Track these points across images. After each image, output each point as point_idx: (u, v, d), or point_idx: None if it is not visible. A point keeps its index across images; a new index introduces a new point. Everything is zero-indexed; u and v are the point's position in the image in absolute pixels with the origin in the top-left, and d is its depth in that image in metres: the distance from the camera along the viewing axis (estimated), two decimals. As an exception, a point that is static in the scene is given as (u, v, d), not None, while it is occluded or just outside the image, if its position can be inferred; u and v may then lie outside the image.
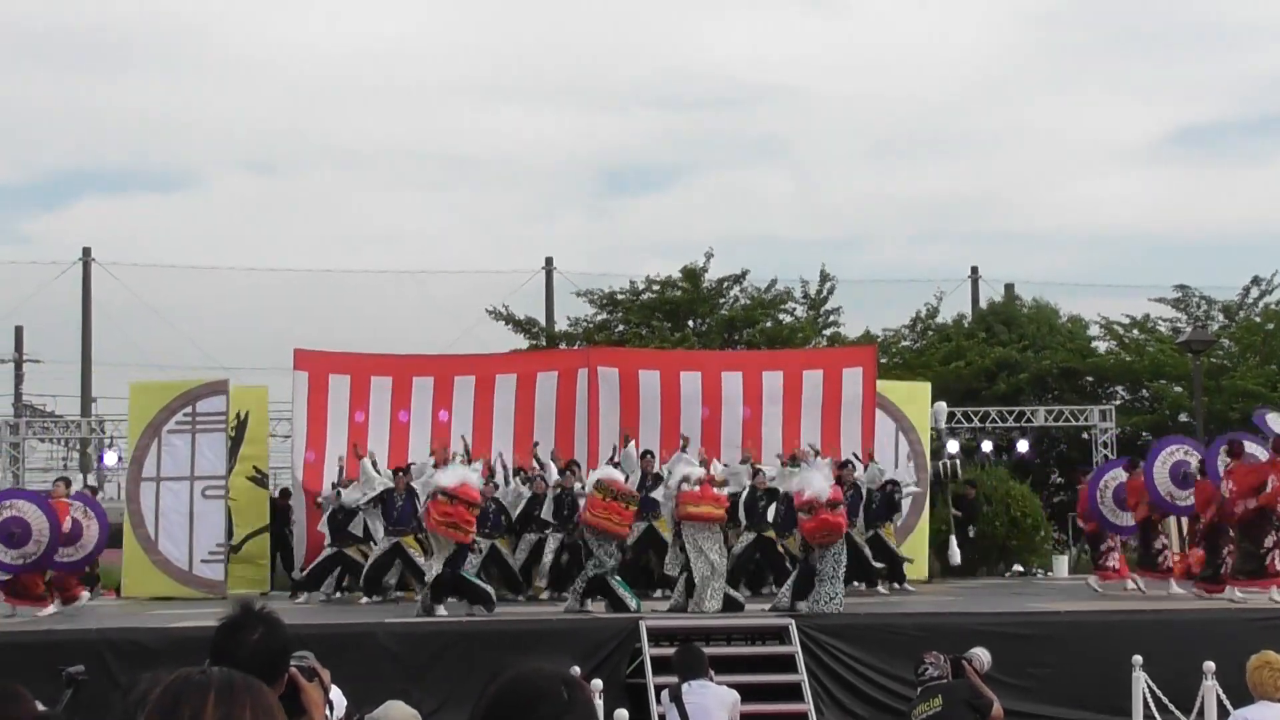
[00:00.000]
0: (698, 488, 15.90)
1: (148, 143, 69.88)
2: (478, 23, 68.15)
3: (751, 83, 68.20)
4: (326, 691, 4.10)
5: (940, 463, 24.14)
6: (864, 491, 19.11)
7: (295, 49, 70.37)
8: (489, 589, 16.32)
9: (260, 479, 22.27)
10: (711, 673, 9.39)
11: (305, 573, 19.79)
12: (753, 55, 65.23)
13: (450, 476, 15.64)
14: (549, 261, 35.36)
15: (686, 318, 32.65)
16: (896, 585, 19.53)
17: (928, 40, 65.36)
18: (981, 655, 9.43)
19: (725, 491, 16.85)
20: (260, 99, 70.13)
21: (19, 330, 40.50)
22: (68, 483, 19.48)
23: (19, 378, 40.11)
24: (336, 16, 68.04)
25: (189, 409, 21.35)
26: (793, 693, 14.05)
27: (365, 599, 18.66)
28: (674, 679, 9.51)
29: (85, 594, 18.64)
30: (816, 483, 15.80)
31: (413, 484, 18.31)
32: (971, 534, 23.72)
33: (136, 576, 21.03)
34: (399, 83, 69.54)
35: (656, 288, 32.05)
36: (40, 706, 4.35)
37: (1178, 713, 12.65)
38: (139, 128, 69.11)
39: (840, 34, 67.33)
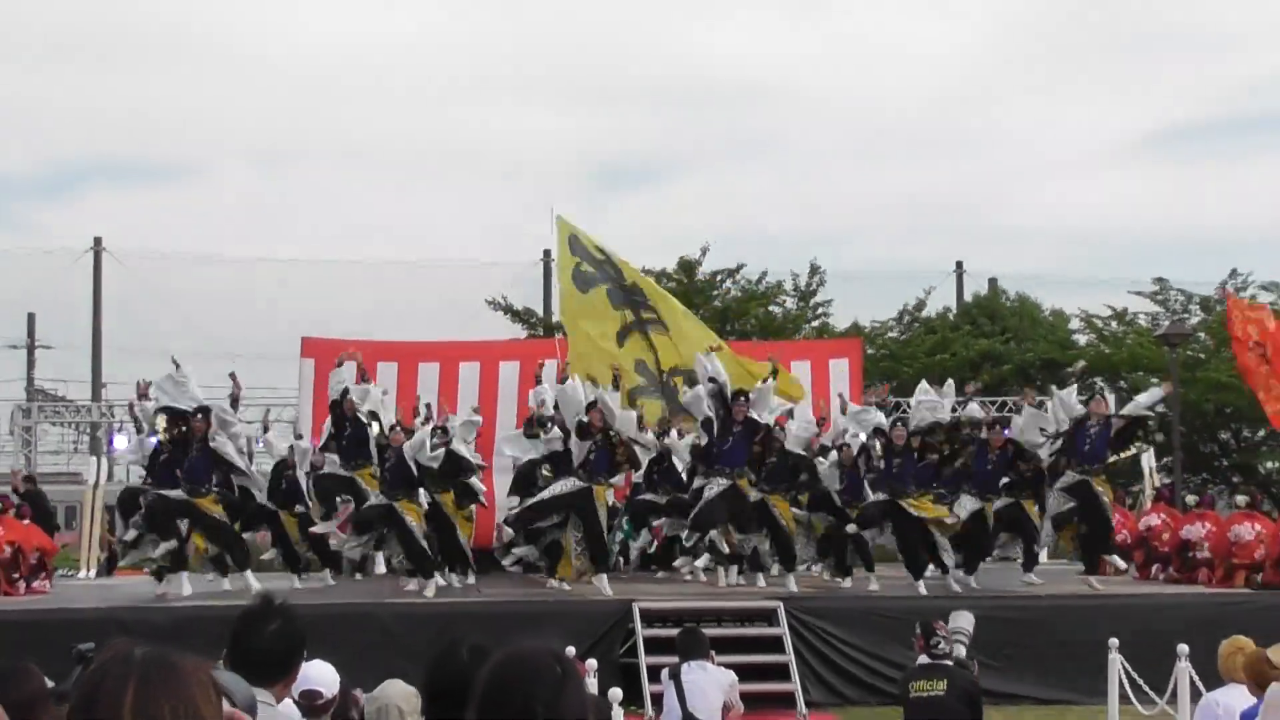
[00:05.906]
0: None
1: (156, 135, 70.41)
2: (477, 20, 68.62)
3: (743, 81, 68.72)
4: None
5: None
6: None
7: (299, 44, 70.85)
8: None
9: None
10: (713, 654, 9.52)
11: None
12: (744, 55, 65.83)
13: None
14: (546, 254, 35.67)
15: (679, 309, 32.84)
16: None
17: (914, 40, 65.96)
18: (964, 622, 9.29)
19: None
20: (266, 93, 70.68)
21: (31, 316, 40.89)
22: None
23: (31, 363, 40.54)
24: (339, 13, 68.51)
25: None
26: (780, 673, 14.31)
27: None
28: (667, 659, 9.71)
29: None
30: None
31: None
32: None
33: None
34: (400, 78, 70.04)
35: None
36: (50, 683, 4.39)
37: (1152, 694, 12.74)
38: (148, 120, 69.61)
39: (828, 34, 67.90)
